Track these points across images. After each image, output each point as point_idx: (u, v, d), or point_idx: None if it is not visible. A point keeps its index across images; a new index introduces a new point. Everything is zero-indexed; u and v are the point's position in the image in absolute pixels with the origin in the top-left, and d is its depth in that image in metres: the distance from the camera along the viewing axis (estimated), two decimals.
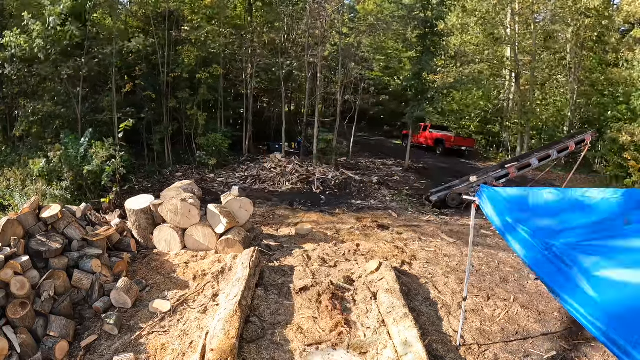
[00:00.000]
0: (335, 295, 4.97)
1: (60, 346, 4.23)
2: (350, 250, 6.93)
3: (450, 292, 5.55)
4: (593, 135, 11.59)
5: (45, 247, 5.15)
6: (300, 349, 4.10)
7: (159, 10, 13.63)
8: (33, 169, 8.69)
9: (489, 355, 4.29)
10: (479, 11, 21.39)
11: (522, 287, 6.01)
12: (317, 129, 14.93)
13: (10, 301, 4.37)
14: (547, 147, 11.79)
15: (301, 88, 18.79)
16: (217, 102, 15.14)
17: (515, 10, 21.16)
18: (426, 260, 6.62)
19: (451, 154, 20.78)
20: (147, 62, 13.74)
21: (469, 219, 4.55)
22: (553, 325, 4.92)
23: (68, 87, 11.19)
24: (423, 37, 15.70)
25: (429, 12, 15.17)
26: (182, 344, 4.26)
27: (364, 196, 11.83)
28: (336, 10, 15.06)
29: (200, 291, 5.23)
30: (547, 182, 14.35)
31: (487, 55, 23.26)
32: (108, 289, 5.10)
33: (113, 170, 8.28)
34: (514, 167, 10.98)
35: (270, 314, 4.67)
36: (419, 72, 15.52)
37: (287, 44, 16.63)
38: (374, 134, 26.64)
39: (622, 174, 15.21)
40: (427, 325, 4.70)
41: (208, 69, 14.11)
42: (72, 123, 11.36)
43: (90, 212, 6.59)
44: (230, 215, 6.52)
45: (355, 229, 8.46)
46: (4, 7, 12.76)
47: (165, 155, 13.70)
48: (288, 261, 6.16)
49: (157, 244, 6.53)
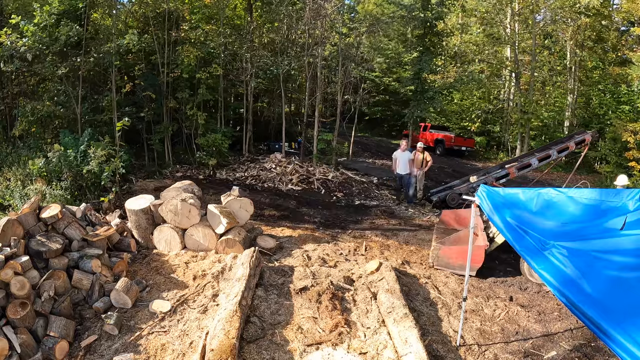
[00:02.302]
0: (335, 295, 4.97)
1: (60, 346, 4.22)
2: (350, 250, 6.94)
3: (450, 292, 5.55)
4: (593, 135, 11.57)
5: (45, 247, 5.15)
6: (300, 349, 4.10)
7: (158, 11, 13.63)
8: (32, 169, 8.68)
9: (489, 355, 4.29)
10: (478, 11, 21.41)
11: (522, 287, 6.01)
12: (317, 129, 14.93)
13: (10, 301, 4.37)
14: (547, 147, 11.77)
15: (301, 88, 18.80)
16: (217, 102, 15.13)
17: (515, 10, 21.17)
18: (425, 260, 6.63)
19: (451, 154, 20.78)
20: (146, 62, 13.74)
21: None
22: (553, 325, 4.92)
23: (67, 87, 11.18)
24: (423, 37, 15.72)
25: (428, 12, 15.18)
26: (182, 344, 4.26)
27: (364, 196, 11.83)
28: (336, 10, 15.06)
29: (200, 291, 5.23)
30: (547, 182, 14.35)
31: (487, 55, 23.28)
32: (108, 289, 5.10)
33: (113, 170, 8.27)
34: (514, 167, 10.96)
35: (270, 314, 4.67)
36: (418, 72, 15.53)
37: (287, 44, 16.62)
38: (374, 134, 26.65)
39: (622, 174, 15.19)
40: (427, 325, 4.70)
41: (208, 69, 14.11)
42: (72, 123, 11.35)
43: (90, 212, 6.59)
44: (230, 215, 6.52)
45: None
46: (3, 7, 12.76)
47: (165, 155, 13.69)
48: (288, 261, 6.16)
49: (157, 244, 6.53)
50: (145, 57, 13.59)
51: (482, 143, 23.41)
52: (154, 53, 13.31)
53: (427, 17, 15.17)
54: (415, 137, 20.34)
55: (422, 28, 15.70)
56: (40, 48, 9.96)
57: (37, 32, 9.78)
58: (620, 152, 15.27)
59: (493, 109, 23.36)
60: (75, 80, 11.26)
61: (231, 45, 14.48)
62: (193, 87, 13.99)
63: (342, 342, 4.22)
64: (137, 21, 14.58)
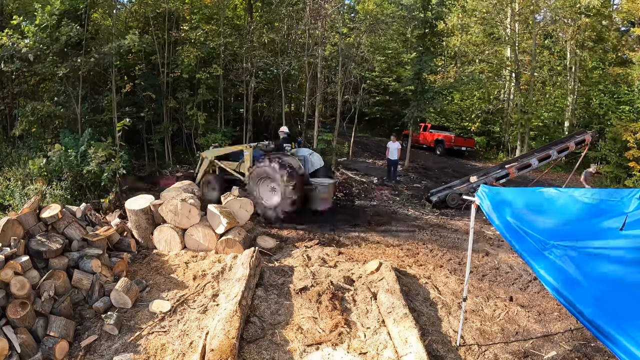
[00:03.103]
0: (335, 295, 4.97)
1: (60, 346, 4.22)
2: (350, 250, 6.94)
3: (450, 292, 5.55)
4: (593, 135, 11.58)
5: (45, 247, 5.15)
6: (300, 349, 4.09)
7: (158, 11, 13.63)
8: (32, 169, 8.68)
9: (489, 355, 4.29)
10: (478, 11, 21.42)
11: (522, 287, 6.01)
12: (317, 129, 14.92)
13: (10, 301, 4.37)
14: (547, 147, 11.78)
15: (301, 88, 18.78)
16: (217, 102, 15.13)
17: (515, 10, 21.18)
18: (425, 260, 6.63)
19: (451, 154, 20.77)
20: (146, 62, 13.74)
21: (468, 219, 4.55)
22: (553, 325, 4.92)
23: (67, 87, 11.18)
24: (423, 37, 15.70)
25: (428, 12, 15.17)
26: (182, 344, 4.26)
27: (364, 196, 11.83)
28: (336, 10, 15.05)
29: (200, 291, 5.23)
30: (547, 182, 14.35)
31: (487, 55, 23.28)
32: (108, 289, 5.10)
33: (113, 170, 8.27)
34: (514, 168, 10.97)
35: (270, 314, 4.67)
36: (419, 72, 15.52)
37: (287, 44, 16.61)
38: (374, 134, 26.64)
39: (623, 174, 15.21)
40: (427, 326, 4.70)
41: (208, 69, 14.11)
42: (72, 123, 11.34)
43: (90, 212, 6.59)
44: (230, 215, 6.52)
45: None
46: (3, 7, 12.75)
47: (165, 155, 13.70)
48: (288, 261, 6.16)
49: (157, 244, 6.53)
50: (145, 57, 13.59)
51: (482, 143, 23.41)
52: (154, 53, 13.31)
53: (427, 17, 15.15)
54: (416, 137, 20.35)
55: (422, 28, 15.68)
56: (41, 48, 9.96)
57: (37, 33, 9.77)
58: (620, 152, 15.27)
59: (493, 109, 23.36)
60: (76, 81, 11.26)
61: (231, 45, 14.47)
62: (193, 87, 13.99)
63: (342, 342, 4.22)
64: (137, 21, 14.58)
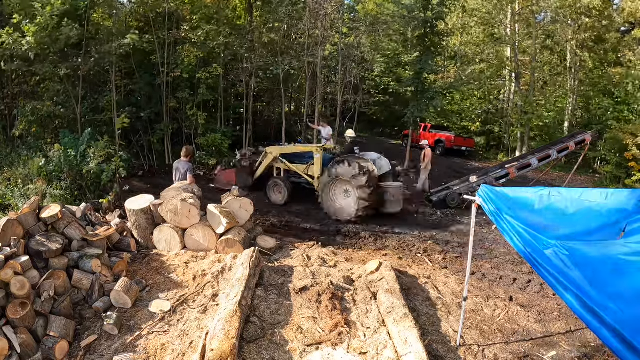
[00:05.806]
0: (335, 295, 4.97)
1: (60, 346, 4.22)
2: (349, 250, 6.94)
3: (450, 292, 5.54)
4: (593, 135, 11.58)
5: (45, 247, 5.15)
6: (300, 349, 4.09)
7: (158, 11, 13.63)
8: (32, 169, 8.68)
9: (489, 355, 4.29)
10: (479, 11, 21.41)
11: (522, 287, 6.01)
12: (317, 129, 14.92)
13: (10, 301, 4.36)
14: (547, 147, 11.78)
15: (301, 88, 18.79)
16: (217, 102, 15.13)
17: (515, 11, 21.17)
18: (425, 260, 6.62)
19: (451, 154, 20.78)
20: (147, 62, 13.74)
21: (469, 219, 4.55)
22: (553, 325, 4.92)
23: (67, 87, 11.17)
24: (423, 37, 15.70)
25: (429, 12, 15.16)
26: (182, 344, 4.26)
27: None
28: (336, 10, 15.06)
29: (200, 291, 5.22)
30: (547, 182, 14.35)
31: (487, 55, 23.28)
32: (108, 289, 5.09)
33: (113, 170, 8.27)
34: (514, 168, 10.97)
35: (270, 314, 4.67)
36: (419, 72, 15.52)
37: (287, 44, 16.62)
38: (374, 134, 26.64)
39: (622, 174, 15.20)
40: (427, 325, 4.70)
41: (208, 69, 14.10)
42: (72, 123, 11.35)
43: (90, 212, 6.58)
44: (230, 215, 6.52)
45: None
46: (4, 7, 12.75)
47: (165, 155, 13.70)
48: (288, 261, 6.16)
49: (157, 244, 6.53)
50: (145, 57, 13.59)
51: (482, 143, 23.40)
52: (154, 53, 13.32)
53: (428, 17, 15.15)
54: (416, 137, 20.34)
55: (422, 28, 15.68)
56: (42, 48, 9.95)
57: (38, 32, 9.77)
58: (620, 152, 15.27)
59: (493, 109, 23.35)
60: (76, 80, 11.26)
61: (231, 45, 14.48)
62: (193, 87, 13.99)
63: (342, 342, 4.22)
64: (137, 21, 14.59)
